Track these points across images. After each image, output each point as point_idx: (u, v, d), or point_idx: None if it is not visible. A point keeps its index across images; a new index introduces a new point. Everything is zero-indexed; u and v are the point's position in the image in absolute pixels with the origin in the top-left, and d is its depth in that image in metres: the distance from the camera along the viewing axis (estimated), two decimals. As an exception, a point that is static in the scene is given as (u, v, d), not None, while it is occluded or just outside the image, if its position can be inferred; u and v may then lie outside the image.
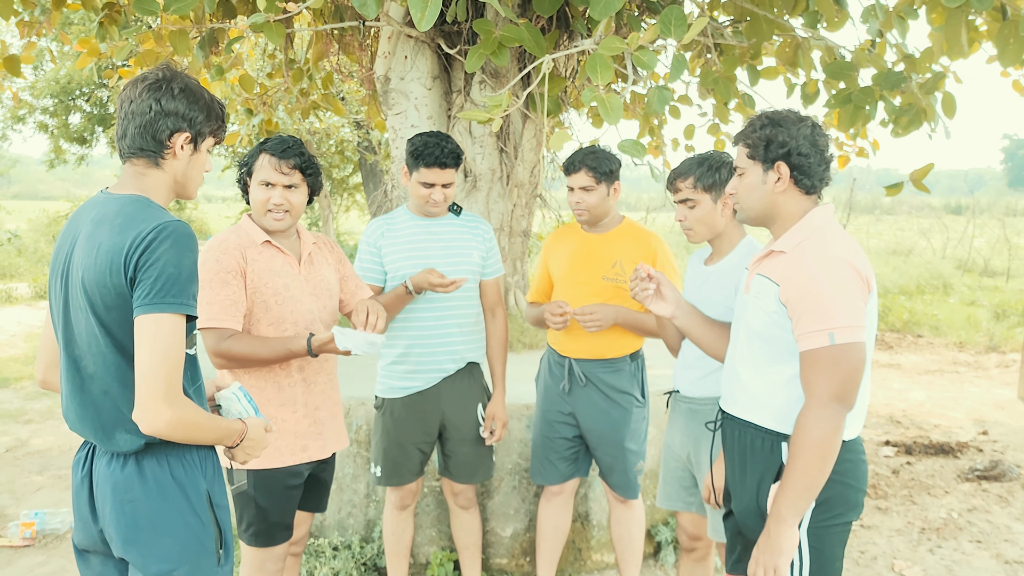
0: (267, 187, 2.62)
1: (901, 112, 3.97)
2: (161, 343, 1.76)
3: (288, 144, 2.64)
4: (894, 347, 10.12)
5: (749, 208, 2.22)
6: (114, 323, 1.82)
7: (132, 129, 1.90)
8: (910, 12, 3.87)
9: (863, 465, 2.15)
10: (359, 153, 14.42)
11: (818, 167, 2.14)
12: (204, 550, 1.93)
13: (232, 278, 2.56)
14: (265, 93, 5.78)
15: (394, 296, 3.04)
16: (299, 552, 2.97)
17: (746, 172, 2.20)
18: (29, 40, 4.71)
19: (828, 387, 1.99)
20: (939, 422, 6.77)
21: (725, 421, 2.33)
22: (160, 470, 1.89)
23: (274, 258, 2.66)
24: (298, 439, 2.68)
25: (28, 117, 16.33)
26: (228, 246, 2.59)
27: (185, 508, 1.90)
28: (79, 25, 12.93)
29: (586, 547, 3.87)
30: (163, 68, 1.96)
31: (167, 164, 1.93)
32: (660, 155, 6.22)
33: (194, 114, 1.93)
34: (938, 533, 4.48)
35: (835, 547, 2.11)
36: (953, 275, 15.31)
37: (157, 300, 1.75)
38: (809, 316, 2.01)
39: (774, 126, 2.13)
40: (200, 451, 1.97)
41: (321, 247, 2.86)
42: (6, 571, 3.86)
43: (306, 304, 2.68)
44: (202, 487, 1.95)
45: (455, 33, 4.31)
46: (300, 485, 2.73)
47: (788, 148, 2.11)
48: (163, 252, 1.77)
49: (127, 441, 1.87)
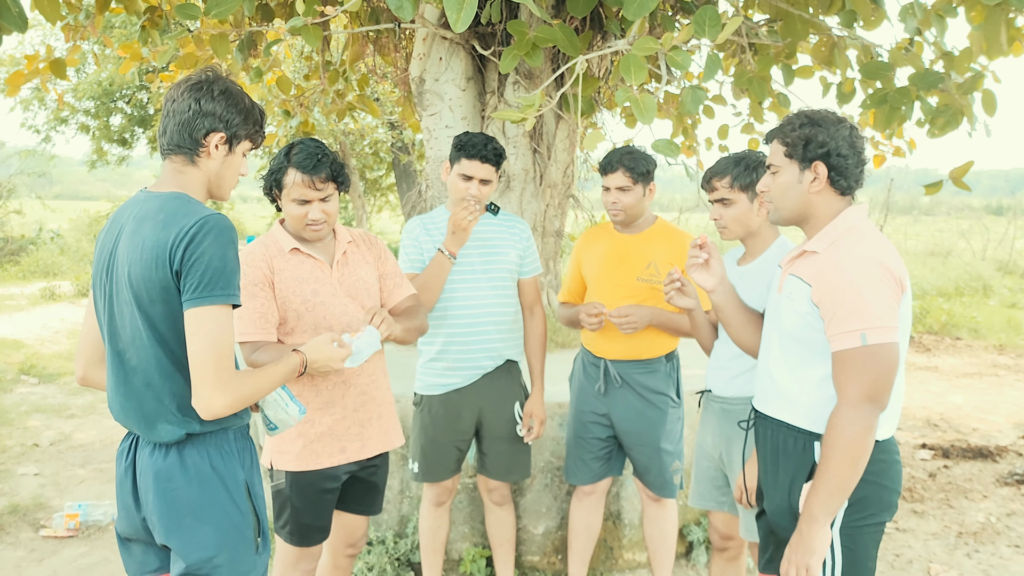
0: (302, 204, 2.59)
1: (938, 112, 3.92)
2: (211, 334, 1.83)
3: (316, 156, 2.56)
4: (932, 349, 9.97)
5: (783, 208, 2.21)
6: (158, 316, 1.89)
7: (172, 126, 1.98)
8: (949, 10, 3.83)
9: (897, 465, 2.14)
10: (393, 154, 14.52)
11: (855, 169, 2.13)
12: (243, 538, 1.99)
13: (259, 290, 2.55)
14: (302, 95, 5.86)
15: (436, 266, 3.02)
16: (354, 554, 2.93)
17: (781, 170, 2.18)
18: (74, 44, 4.82)
19: (860, 388, 1.98)
20: (978, 426, 6.67)
21: (758, 420, 2.32)
22: (200, 460, 1.95)
23: (302, 264, 2.63)
24: (336, 441, 2.67)
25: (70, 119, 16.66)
26: (254, 258, 2.58)
27: (224, 497, 1.96)
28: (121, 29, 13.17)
29: (618, 546, 3.89)
30: (207, 71, 2.04)
31: (202, 162, 2.00)
32: (694, 155, 6.20)
33: (231, 116, 1.99)
34: (975, 537, 4.42)
35: (868, 547, 2.10)
36: (993, 277, 15.04)
37: (206, 293, 1.83)
38: (841, 317, 2.00)
39: (813, 125, 2.12)
40: (239, 441, 2.03)
41: (359, 244, 2.81)
42: (51, 560, 3.97)
43: (340, 306, 2.65)
44: (240, 477, 2.00)
45: (489, 34, 4.35)
46: (336, 489, 2.72)
47: (827, 148, 2.10)
48: (207, 246, 1.84)
49: (168, 432, 1.93)
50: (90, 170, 19.18)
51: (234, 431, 2.03)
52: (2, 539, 4.19)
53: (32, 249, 16.91)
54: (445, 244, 3.01)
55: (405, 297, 2.85)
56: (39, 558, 3.99)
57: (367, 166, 16.65)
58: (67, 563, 3.92)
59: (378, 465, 2.83)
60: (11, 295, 12.98)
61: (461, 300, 3.12)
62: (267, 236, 2.70)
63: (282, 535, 2.70)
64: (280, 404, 2.16)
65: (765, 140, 2.28)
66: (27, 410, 6.62)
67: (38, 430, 6.09)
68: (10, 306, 11.90)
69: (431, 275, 3.02)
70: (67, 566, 3.89)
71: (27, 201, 19.64)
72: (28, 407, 6.71)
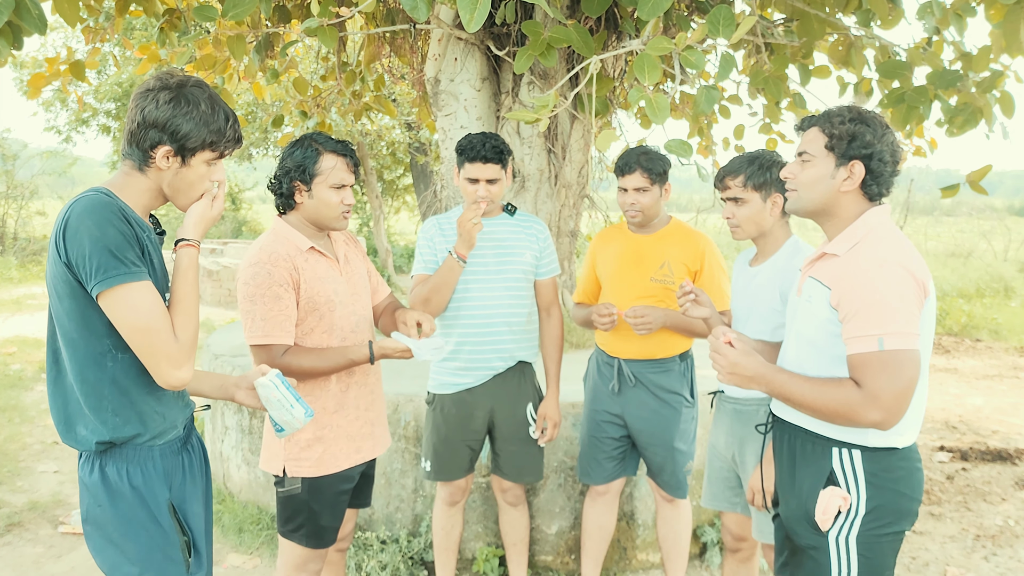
0: (340, 189, 2.57)
1: (956, 111, 3.89)
2: (129, 313, 1.77)
3: (345, 143, 2.60)
4: (951, 351, 9.88)
5: (807, 199, 2.12)
6: (64, 313, 1.85)
7: (125, 133, 1.91)
8: (967, 9, 3.79)
9: (919, 474, 2.08)
10: (410, 154, 14.56)
11: (890, 177, 2.07)
12: (168, 558, 1.96)
13: (284, 292, 2.49)
14: (319, 95, 5.90)
15: (446, 269, 3.02)
16: (345, 548, 2.99)
17: (815, 160, 2.09)
18: (94, 46, 4.88)
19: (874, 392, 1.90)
20: (997, 428, 6.60)
21: (776, 424, 2.29)
22: (119, 479, 1.92)
23: (319, 264, 2.60)
24: (351, 442, 2.69)
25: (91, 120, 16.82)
26: (278, 257, 2.50)
27: (144, 517, 1.93)
28: (141, 31, 13.29)
29: (631, 546, 3.88)
30: (161, 75, 1.90)
31: (151, 172, 1.90)
32: (710, 155, 6.18)
33: (178, 126, 1.85)
34: (993, 540, 4.38)
35: (886, 556, 2.06)
36: (1015, 278, 14.87)
37: (102, 276, 1.75)
38: (859, 319, 1.93)
39: (862, 123, 2.04)
40: (167, 458, 1.99)
41: (350, 243, 2.82)
42: (70, 556, 4.01)
43: (351, 307, 2.66)
44: (163, 496, 1.96)
45: (504, 35, 4.35)
46: (351, 488, 2.73)
47: (871, 151, 2.03)
48: (82, 229, 1.74)
49: (84, 438, 1.90)
50: (111, 171, 19.35)
51: (160, 447, 1.98)
52: (22, 535, 4.25)
53: (54, 249, 17.06)
54: (455, 247, 3.02)
55: (386, 295, 2.93)
56: (58, 554, 4.03)
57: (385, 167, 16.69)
58: (85, 559, 3.96)
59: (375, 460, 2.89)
60: (33, 295, 13.13)
61: (474, 300, 3.12)
62: (277, 235, 2.59)
63: (294, 538, 2.67)
64: (285, 405, 2.13)
65: (802, 126, 2.17)
66: (47, 408, 6.67)
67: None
68: (32, 305, 12.04)
69: (441, 278, 3.03)
70: (85, 562, 3.93)
71: (49, 202, 19.85)
72: (48, 405, 6.78)
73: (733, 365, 2.09)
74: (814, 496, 2.10)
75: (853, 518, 2.03)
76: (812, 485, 2.11)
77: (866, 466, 2.03)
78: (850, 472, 2.04)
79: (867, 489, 2.02)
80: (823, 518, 2.04)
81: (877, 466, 2.02)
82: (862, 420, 1.92)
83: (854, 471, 2.04)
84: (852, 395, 1.92)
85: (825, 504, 2.04)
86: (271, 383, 2.12)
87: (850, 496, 2.03)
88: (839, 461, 2.05)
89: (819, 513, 2.05)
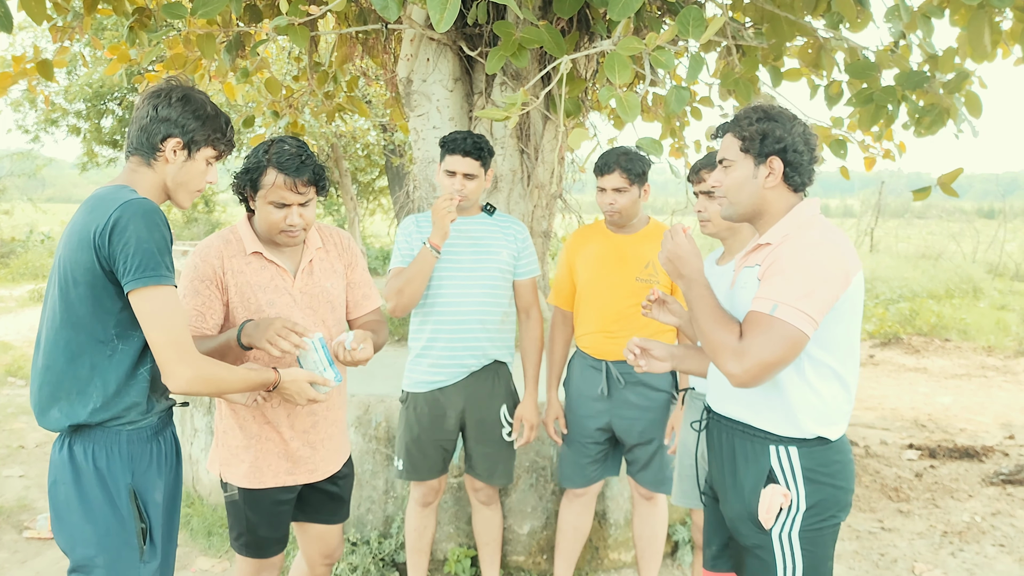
0: (280, 207, 2.40)
1: (924, 112, 3.94)
2: (159, 313, 1.90)
3: (300, 157, 2.39)
4: (921, 351, 10.01)
5: (737, 203, 2.16)
6: (76, 298, 1.94)
7: (133, 132, 2.07)
8: (934, 11, 3.85)
9: (851, 465, 2.14)
10: (385, 156, 14.51)
11: (808, 165, 2.11)
12: (124, 543, 2.00)
13: (204, 287, 2.41)
14: (291, 96, 5.86)
15: (420, 260, 3.00)
16: (332, 564, 2.85)
17: (735, 165, 2.14)
18: (62, 45, 4.81)
19: (751, 347, 1.94)
20: (965, 426, 6.69)
21: (711, 421, 2.28)
22: (84, 458, 1.99)
23: (262, 271, 2.48)
24: (283, 461, 2.55)
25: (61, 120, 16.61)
26: (209, 254, 2.44)
27: (103, 499, 1.98)
28: (112, 31, 13.14)
29: (603, 546, 3.89)
30: (169, 80, 2.12)
31: (158, 166, 2.07)
32: (682, 156, 6.22)
33: (187, 121, 2.05)
34: (960, 537, 4.43)
35: (827, 547, 2.11)
36: (983, 280, 15.09)
37: (141, 275, 1.88)
38: (767, 284, 1.98)
39: (770, 120, 2.09)
40: (134, 444, 2.03)
41: (329, 251, 2.65)
42: (35, 561, 3.95)
43: (297, 319, 2.48)
44: (125, 481, 2.01)
45: (476, 35, 4.35)
46: (291, 500, 2.62)
47: (784, 144, 2.08)
48: (133, 230, 1.87)
49: (56, 420, 1.98)
50: (81, 172, 19.10)
51: (128, 432, 2.02)
52: (-14, 540, 4.18)
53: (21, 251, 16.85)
54: (430, 237, 3.01)
55: (370, 311, 2.75)
56: (22, 559, 3.97)
57: (360, 169, 16.63)
58: (50, 564, 3.91)
59: (341, 476, 2.73)
60: (0, 297, 12.92)
61: (447, 296, 3.11)
62: (229, 231, 2.52)
63: (236, 547, 2.61)
64: (318, 368, 2.24)
65: (715, 134, 2.24)
66: (13, 412, 6.59)
67: (24, 432, 6.06)
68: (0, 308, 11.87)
69: (415, 269, 3.02)
70: (50, 567, 3.87)
71: (19, 203, 19.57)
72: (14, 409, 6.68)
73: (678, 256, 2.17)
74: (756, 495, 2.11)
75: (795, 514, 2.06)
76: (753, 485, 2.12)
77: (803, 462, 2.06)
78: (788, 469, 2.07)
79: (806, 485, 2.05)
80: (766, 516, 2.06)
81: (814, 461, 2.06)
82: (722, 365, 1.98)
83: (792, 468, 2.06)
84: (729, 340, 1.98)
85: (767, 502, 2.06)
86: (311, 344, 2.25)
87: (790, 493, 2.05)
88: (777, 459, 2.08)
89: (762, 512, 2.07)
